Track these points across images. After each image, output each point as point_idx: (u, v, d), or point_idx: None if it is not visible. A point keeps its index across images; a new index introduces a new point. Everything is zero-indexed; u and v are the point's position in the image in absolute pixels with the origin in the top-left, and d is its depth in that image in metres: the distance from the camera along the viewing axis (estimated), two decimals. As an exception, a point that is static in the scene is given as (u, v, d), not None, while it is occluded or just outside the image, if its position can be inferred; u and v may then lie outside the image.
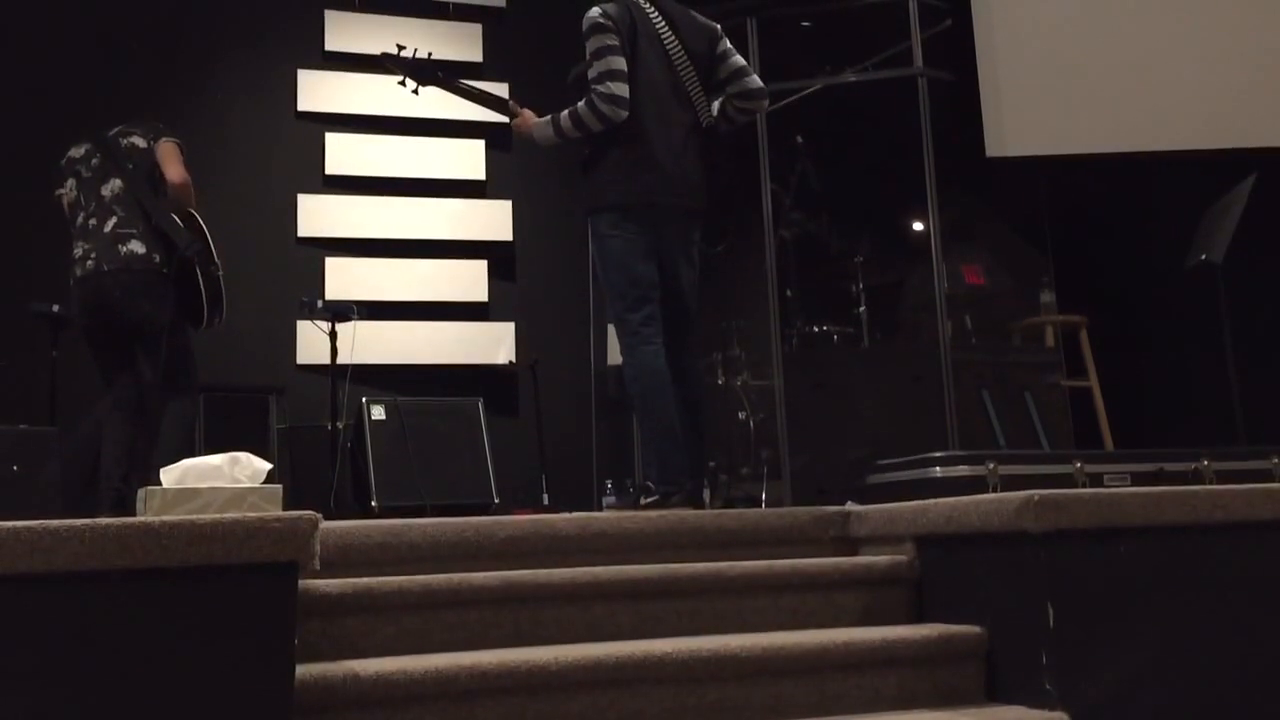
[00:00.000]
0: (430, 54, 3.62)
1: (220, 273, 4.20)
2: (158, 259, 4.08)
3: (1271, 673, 2.32)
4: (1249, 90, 5.25)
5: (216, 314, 4.22)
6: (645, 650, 2.20)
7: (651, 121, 3.42)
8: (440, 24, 6.58)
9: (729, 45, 3.64)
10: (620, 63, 3.37)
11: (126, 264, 4.03)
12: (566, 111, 3.43)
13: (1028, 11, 5.44)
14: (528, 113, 3.62)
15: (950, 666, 2.38)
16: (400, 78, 3.67)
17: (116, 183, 4.13)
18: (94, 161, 4.19)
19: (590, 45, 3.41)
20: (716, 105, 3.62)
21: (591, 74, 3.40)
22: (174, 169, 4.18)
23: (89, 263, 4.04)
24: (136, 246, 4.05)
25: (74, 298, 4.14)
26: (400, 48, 3.63)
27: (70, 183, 4.22)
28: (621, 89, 3.35)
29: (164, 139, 4.22)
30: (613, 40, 3.38)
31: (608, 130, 3.39)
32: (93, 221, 4.10)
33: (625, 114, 3.36)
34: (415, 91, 3.67)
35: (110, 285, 4.02)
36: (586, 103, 3.37)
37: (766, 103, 3.73)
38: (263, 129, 6.25)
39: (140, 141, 4.21)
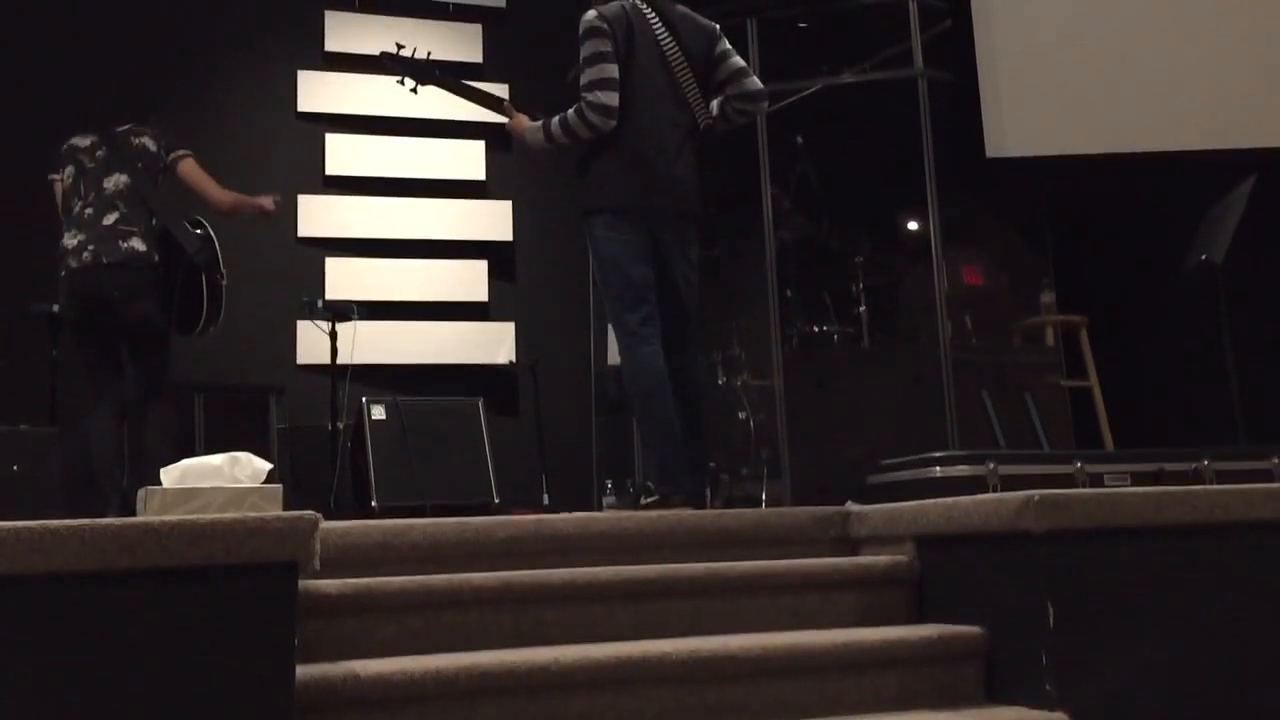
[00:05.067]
0: (429, 53, 3.65)
1: (225, 282, 4.16)
2: (156, 258, 4.05)
3: (1271, 672, 2.32)
4: (1249, 90, 5.25)
5: (213, 322, 4.17)
6: (645, 650, 2.20)
7: (645, 124, 3.42)
8: (440, 24, 6.58)
9: (728, 46, 3.63)
10: (612, 70, 3.38)
11: (126, 260, 3.97)
12: (557, 118, 3.45)
13: (1028, 12, 5.44)
14: (522, 117, 3.63)
15: (950, 666, 2.38)
16: (400, 77, 3.69)
17: (122, 178, 4.08)
18: (99, 154, 4.14)
19: (584, 50, 3.42)
20: (716, 105, 3.62)
21: (583, 80, 3.41)
22: (214, 192, 4.19)
23: (85, 254, 3.96)
24: (137, 244, 4.00)
25: (65, 289, 4.03)
26: (400, 47, 3.67)
27: (69, 170, 4.16)
28: (611, 98, 3.36)
29: (181, 155, 4.18)
30: (606, 46, 3.39)
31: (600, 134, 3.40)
32: (89, 212, 4.04)
33: (614, 123, 3.37)
34: (414, 90, 3.70)
35: (108, 281, 3.95)
36: (576, 111, 3.39)
37: (766, 104, 3.74)
38: (263, 129, 6.25)
39: (150, 144, 4.18)
